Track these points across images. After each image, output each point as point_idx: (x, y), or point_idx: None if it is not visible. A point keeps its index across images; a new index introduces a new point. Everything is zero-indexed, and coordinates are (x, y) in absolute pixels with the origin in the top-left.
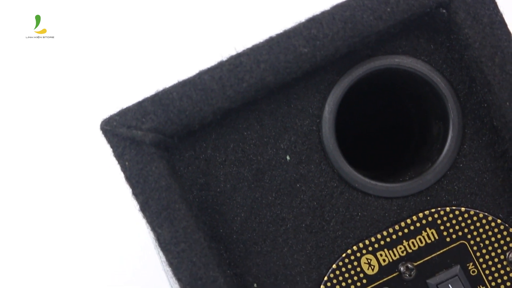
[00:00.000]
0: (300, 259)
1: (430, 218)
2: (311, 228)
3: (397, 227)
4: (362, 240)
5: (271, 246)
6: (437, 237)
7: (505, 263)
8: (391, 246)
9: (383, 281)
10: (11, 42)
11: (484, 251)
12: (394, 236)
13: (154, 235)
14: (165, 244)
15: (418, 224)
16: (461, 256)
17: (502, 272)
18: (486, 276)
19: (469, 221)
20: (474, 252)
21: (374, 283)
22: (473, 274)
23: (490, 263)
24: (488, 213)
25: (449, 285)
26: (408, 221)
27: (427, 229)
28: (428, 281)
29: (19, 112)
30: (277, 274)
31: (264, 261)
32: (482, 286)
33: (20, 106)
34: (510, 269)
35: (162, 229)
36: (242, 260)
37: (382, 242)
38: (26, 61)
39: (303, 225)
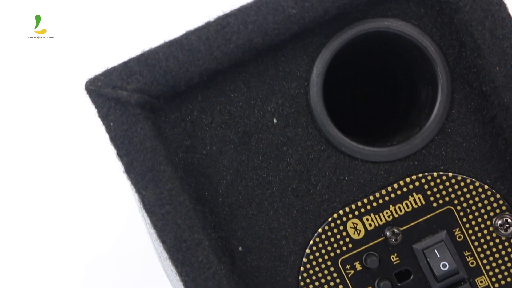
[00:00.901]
0: (285, 223)
1: (417, 183)
2: (297, 191)
3: (383, 191)
4: (349, 205)
5: (257, 210)
6: (423, 202)
7: (491, 229)
8: (377, 210)
9: (369, 246)
10: (11, 42)
11: (470, 216)
12: (380, 201)
13: (139, 197)
14: (149, 206)
15: (405, 189)
16: (447, 221)
17: (488, 238)
18: (472, 241)
19: (456, 187)
20: (461, 217)
21: (360, 248)
22: (459, 239)
23: (476, 228)
24: (475, 179)
25: (435, 250)
26: (395, 186)
27: (414, 194)
28: (414, 246)
29: (19, 112)
30: (262, 238)
31: (250, 225)
32: (468, 252)
33: (20, 106)
34: (496, 235)
35: (146, 191)
36: (227, 223)
37: (368, 207)
38: (26, 61)
39: (289, 188)
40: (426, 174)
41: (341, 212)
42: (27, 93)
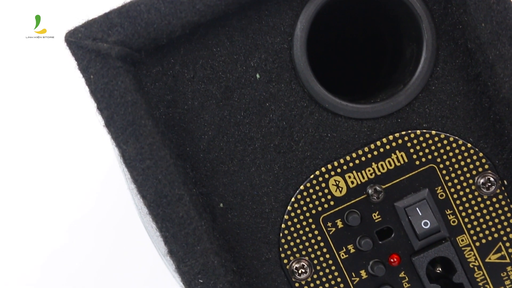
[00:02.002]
0: (267, 180)
1: (400, 141)
2: (279, 148)
3: (366, 149)
4: (331, 162)
5: (238, 166)
6: (406, 160)
7: (473, 187)
8: (360, 168)
9: (351, 203)
10: (11, 42)
11: (453, 175)
12: (363, 158)
13: (119, 151)
14: (130, 161)
15: (387, 147)
16: (429, 179)
17: (470, 196)
18: (454, 200)
19: (439, 145)
20: (443, 176)
21: (341, 205)
22: (441, 198)
23: (458, 187)
24: (458, 137)
25: (417, 209)
26: (378, 143)
27: (397, 151)
28: (396, 204)
29: (19, 112)
30: (243, 194)
31: (231, 181)
32: (450, 210)
33: (20, 106)
34: (478, 193)
35: (127, 145)
36: (209, 180)
37: (351, 164)
38: (26, 61)
39: (272, 145)
40: (409, 132)
41: (323, 169)
42: (27, 93)
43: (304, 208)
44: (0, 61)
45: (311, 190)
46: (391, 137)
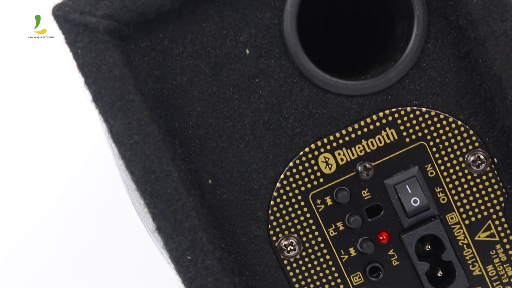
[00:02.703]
0: (256, 156)
1: (390, 118)
2: (268, 124)
3: (356, 126)
4: (321, 138)
5: (227, 142)
6: (396, 137)
7: (463, 165)
8: (349, 145)
9: (340, 181)
10: (11, 42)
11: (443, 152)
12: (353, 135)
13: (107, 127)
14: (117, 136)
15: (377, 124)
16: (419, 157)
17: (460, 174)
18: (444, 178)
19: (429, 122)
20: (433, 153)
21: (331, 182)
22: (431, 175)
23: (448, 165)
24: (449, 114)
25: (407, 186)
26: (368, 120)
27: (387, 129)
28: (385, 181)
29: (19, 112)
30: (232, 171)
31: (220, 157)
32: (440, 188)
33: (21, 105)
34: (468, 171)
35: (115, 120)
36: (197, 156)
37: (340, 141)
38: (26, 61)
39: (261, 121)
40: (400, 108)
41: (313, 146)
42: (27, 93)
43: (293, 185)
44: (0, 61)
45: (300, 167)
46: (381, 114)
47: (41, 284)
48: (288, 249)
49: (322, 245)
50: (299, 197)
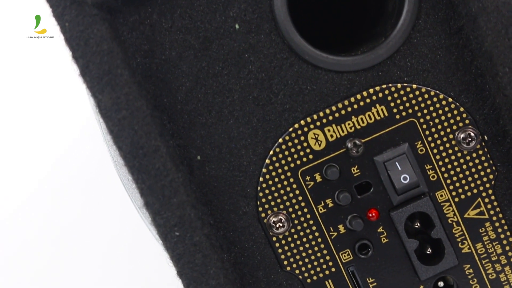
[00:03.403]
0: (245, 132)
1: (380, 94)
2: (258, 100)
3: (346, 102)
4: (310, 115)
5: (216, 118)
6: (386, 114)
7: (453, 142)
8: (339, 121)
9: (330, 157)
10: (11, 42)
11: (433, 129)
12: (343, 112)
13: (95, 101)
14: (105, 111)
15: (368, 100)
16: (410, 134)
17: (450, 151)
18: (434, 155)
19: (420, 99)
20: (423, 130)
21: (320, 159)
22: (421, 152)
23: (438, 142)
24: (439, 91)
25: (396, 163)
26: (358, 96)
27: (377, 105)
28: (375, 158)
29: (19, 112)
30: (221, 147)
31: (209, 133)
32: (429, 165)
33: (21, 105)
34: (458, 148)
35: (103, 95)
36: (186, 131)
37: (330, 117)
38: (26, 61)
39: (250, 97)
40: (390, 85)
41: (302, 122)
42: (27, 93)
43: (283, 162)
44: (0, 61)
45: (289, 143)
46: (371, 90)
47: (26, 261)
48: (277, 225)
49: (311, 222)
50: (288, 174)
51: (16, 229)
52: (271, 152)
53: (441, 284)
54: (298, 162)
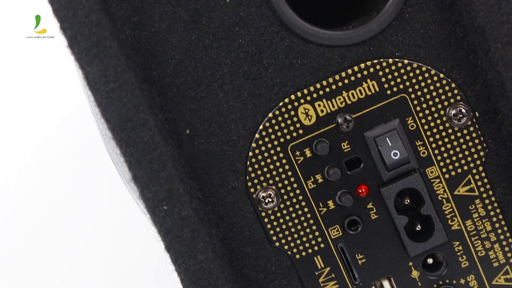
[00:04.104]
0: (235, 106)
1: (371, 69)
2: (248, 74)
3: (337, 77)
4: (301, 89)
5: (206, 92)
6: (377, 89)
7: (444, 118)
8: (330, 96)
9: (320, 132)
10: (11, 42)
11: (424, 105)
12: (333, 86)
13: (82, 73)
14: (93, 83)
15: (359, 75)
16: (401, 109)
17: (441, 127)
18: (425, 131)
19: (411, 74)
20: (414, 106)
21: (310, 134)
22: (411, 128)
23: (429, 118)
24: (431, 67)
25: (387, 139)
26: (349, 71)
27: (368, 80)
28: (365, 133)
29: (19, 112)
30: (211, 121)
31: (198, 107)
32: (420, 141)
33: (20, 106)
34: (449, 125)
35: (91, 66)
36: (175, 105)
37: (321, 92)
38: (26, 61)
39: (240, 71)
40: (382, 60)
41: (292, 96)
42: (27, 93)
43: (272, 136)
44: (0, 61)
45: (279, 118)
46: (362, 65)
47: (14, 236)
48: (266, 201)
49: (300, 197)
50: (278, 149)
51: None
52: (261, 127)
53: (430, 261)
54: (288, 137)
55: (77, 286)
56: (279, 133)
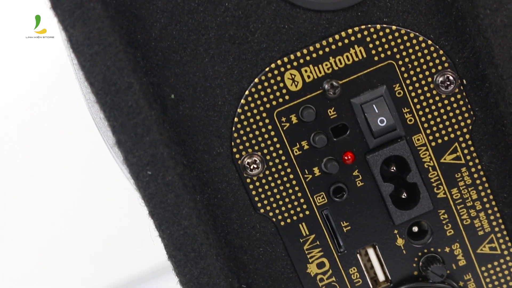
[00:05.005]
0: (221, 71)
1: (359, 35)
2: (234, 38)
3: (324, 42)
4: (287, 54)
5: (192, 56)
6: (365, 55)
7: (432, 85)
8: (317, 62)
9: (306, 99)
10: (11, 42)
11: (412, 72)
12: (320, 52)
13: (66, 36)
14: (77, 46)
15: (346, 41)
16: (388, 76)
17: (428, 95)
18: (412, 98)
19: (399, 40)
20: (402, 73)
21: (296, 100)
22: (398, 95)
23: (417, 85)
24: (419, 33)
25: (373, 106)
26: (336, 36)
27: (355, 46)
28: (352, 100)
29: (19, 112)
30: (196, 86)
31: (183, 71)
32: (407, 108)
33: (20, 106)
34: (436, 92)
35: (74, 29)
36: (160, 69)
37: (308, 58)
38: (26, 61)
39: (226, 35)
40: (369, 26)
41: (279, 62)
42: (27, 93)
43: (258, 102)
44: (0, 61)
45: (265, 83)
46: (350, 31)
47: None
48: (251, 167)
49: (286, 164)
50: (264, 114)
51: None
52: (247, 92)
53: (415, 229)
54: (274, 102)
55: (59, 254)
56: (265, 99)
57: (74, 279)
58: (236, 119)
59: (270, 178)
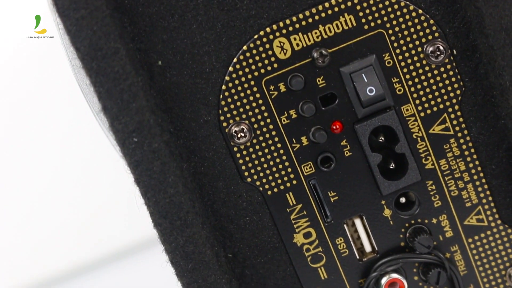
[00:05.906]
0: (209, 38)
1: (349, 3)
2: (223, 5)
3: (314, 10)
4: (276, 22)
5: (179, 22)
6: (354, 24)
7: (421, 55)
8: (306, 30)
9: (295, 67)
10: (11, 42)
11: (402, 42)
12: (310, 20)
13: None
14: (63, 9)
15: (336, 9)
16: (378, 45)
17: (418, 65)
18: (401, 68)
19: (389, 9)
20: (392, 42)
21: (285, 68)
22: (388, 65)
23: (406, 54)
24: (410, 2)
25: (363, 75)
26: (326, 4)
27: (345, 14)
28: (341, 69)
29: (19, 112)
30: (183, 53)
31: (171, 38)
32: (396, 78)
33: (20, 106)
34: (426, 62)
35: None
36: (147, 35)
37: (297, 25)
38: (26, 61)
39: (215, 1)
40: None
41: (268, 29)
42: (27, 93)
43: (246, 70)
44: (0, 61)
45: (254, 51)
46: None
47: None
48: (239, 135)
49: (273, 132)
50: (252, 82)
51: None
52: (235, 60)
53: (402, 200)
54: (262, 70)
55: (45, 223)
56: (253, 67)
57: (57, 252)
58: (223, 87)
59: (257, 147)
